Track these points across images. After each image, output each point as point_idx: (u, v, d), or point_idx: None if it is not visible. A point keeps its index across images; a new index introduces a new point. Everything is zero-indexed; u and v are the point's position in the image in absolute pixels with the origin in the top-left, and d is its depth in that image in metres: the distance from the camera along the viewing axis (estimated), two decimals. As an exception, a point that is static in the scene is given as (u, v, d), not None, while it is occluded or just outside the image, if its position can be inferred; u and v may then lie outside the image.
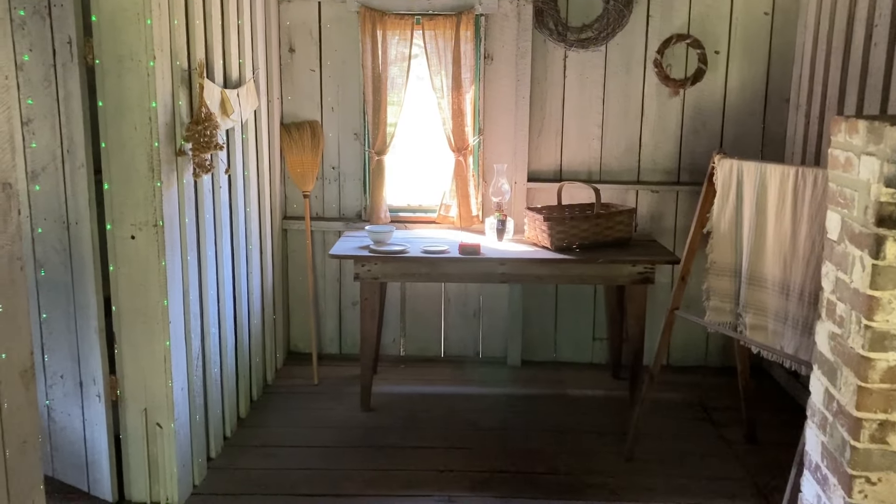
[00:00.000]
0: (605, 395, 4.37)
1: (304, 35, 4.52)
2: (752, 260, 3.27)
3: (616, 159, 4.58)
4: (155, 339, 3.02)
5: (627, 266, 3.95)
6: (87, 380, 3.09)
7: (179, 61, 3.07)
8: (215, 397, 3.58)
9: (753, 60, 4.45)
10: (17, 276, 2.02)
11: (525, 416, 4.10)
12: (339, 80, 4.57)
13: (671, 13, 4.41)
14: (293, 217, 4.69)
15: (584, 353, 4.83)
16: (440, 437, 3.84)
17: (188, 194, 3.19)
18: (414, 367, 4.75)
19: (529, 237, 4.25)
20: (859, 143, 2.20)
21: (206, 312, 3.45)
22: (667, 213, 4.59)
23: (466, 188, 4.54)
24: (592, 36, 4.42)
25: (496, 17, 4.44)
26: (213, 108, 3.28)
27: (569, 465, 3.59)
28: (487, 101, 4.54)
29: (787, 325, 3.14)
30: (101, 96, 2.87)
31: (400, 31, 4.41)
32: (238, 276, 3.87)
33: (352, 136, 4.62)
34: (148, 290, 2.98)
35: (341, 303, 4.82)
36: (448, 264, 4.01)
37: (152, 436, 3.10)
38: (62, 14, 2.82)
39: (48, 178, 2.98)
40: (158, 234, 2.94)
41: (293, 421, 4.00)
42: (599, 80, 4.51)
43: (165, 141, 2.96)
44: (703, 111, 4.51)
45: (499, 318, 4.80)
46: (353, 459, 3.62)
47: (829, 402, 2.37)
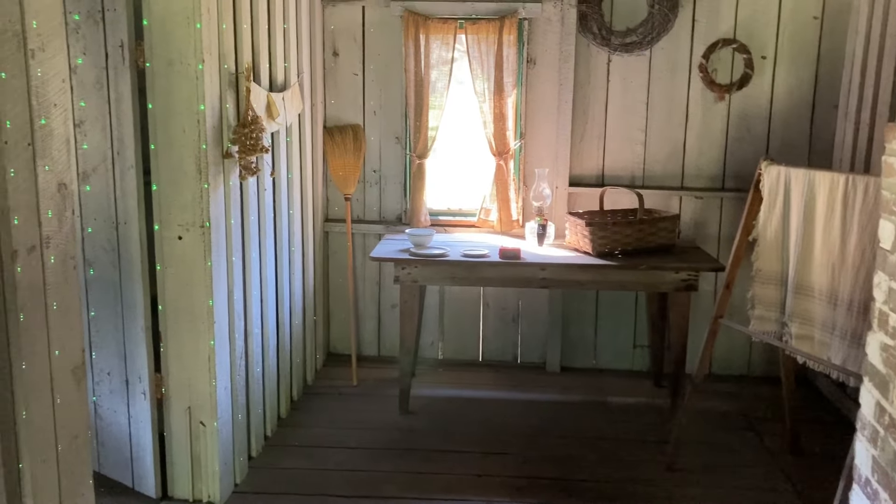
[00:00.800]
0: (646, 403, 4.33)
1: (348, 39, 4.56)
2: (799, 268, 3.22)
3: (659, 164, 4.54)
4: (200, 339, 3.06)
5: (671, 273, 3.90)
6: (133, 377, 3.15)
7: (227, 65, 3.11)
8: (257, 397, 3.62)
9: (801, 65, 4.38)
10: (71, 275, 2.06)
11: (564, 422, 4.07)
12: (381, 84, 4.59)
13: (717, 17, 4.36)
14: (334, 219, 4.73)
15: (625, 360, 4.78)
16: (479, 442, 3.83)
17: (234, 196, 3.23)
18: (452, 371, 4.75)
19: (571, 242, 4.23)
20: (916, 151, 2.15)
21: (250, 313, 3.49)
22: (710, 220, 4.54)
23: (507, 192, 4.53)
24: (637, 40, 4.39)
25: (539, 22, 4.43)
26: (259, 112, 3.32)
27: (609, 473, 3.56)
28: (529, 105, 4.52)
29: (835, 335, 3.08)
30: (151, 99, 2.92)
31: (443, 35, 4.42)
32: (280, 277, 3.90)
33: (393, 140, 4.64)
34: (194, 289, 3.02)
35: (380, 305, 4.84)
36: (488, 268, 4.01)
37: (196, 434, 3.14)
38: (115, 18, 2.88)
39: (98, 178, 3.05)
40: (205, 234, 2.98)
41: (332, 422, 4.03)
42: (643, 84, 4.47)
43: (213, 143, 3.00)
44: (749, 117, 4.44)
45: (538, 323, 4.78)
46: (391, 462, 3.63)
47: (880, 416, 2.31)
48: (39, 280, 1.93)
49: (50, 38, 1.94)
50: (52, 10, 1.95)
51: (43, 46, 1.91)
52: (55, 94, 1.97)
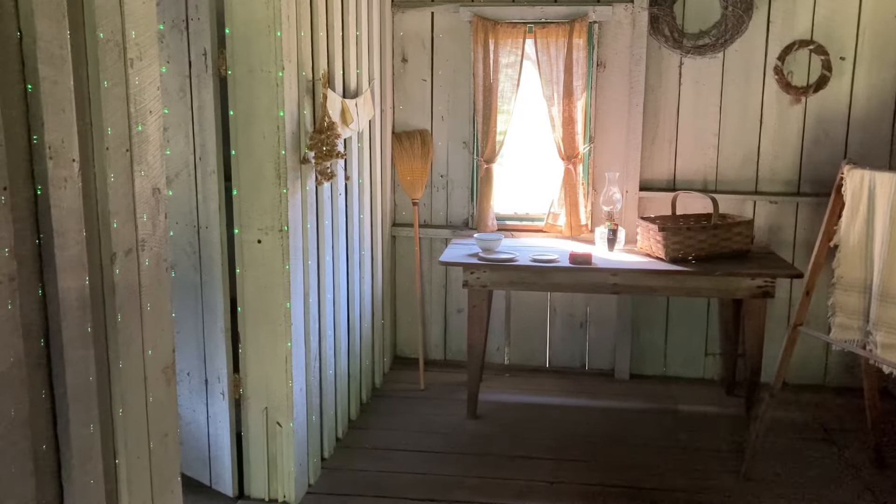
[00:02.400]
0: (719, 412, 4.24)
1: (417, 45, 4.59)
2: (885, 275, 3.12)
3: (733, 169, 4.45)
4: (278, 340, 3.12)
5: (746, 279, 3.82)
6: (212, 378, 3.22)
7: (305, 72, 3.17)
8: (329, 399, 3.66)
9: (882, 66, 4.25)
10: (164, 277, 2.12)
11: (635, 430, 4.02)
12: (449, 90, 4.61)
13: (793, 18, 4.26)
14: (401, 224, 4.76)
15: (696, 368, 4.70)
16: (548, 448, 3.81)
17: (310, 201, 3.28)
18: (518, 377, 4.73)
19: (642, 247, 4.17)
20: None
21: (324, 315, 3.53)
22: (786, 226, 4.43)
23: (576, 197, 4.50)
24: (710, 42, 4.32)
25: (610, 25, 4.39)
26: (334, 118, 3.36)
27: (683, 482, 3.50)
28: (599, 109, 4.49)
29: (925, 344, 2.97)
30: (232, 105, 2.99)
31: (511, 39, 4.43)
32: (352, 280, 3.95)
33: (460, 145, 4.66)
34: (272, 292, 3.08)
35: (446, 309, 4.85)
36: (557, 274, 3.98)
37: (272, 434, 3.19)
38: (198, 27, 2.95)
39: (181, 183, 3.13)
40: (283, 238, 3.03)
41: (402, 425, 4.05)
42: (716, 87, 4.39)
43: (291, 149, 3.05)
44: (826, 120, 4.33)
45: (606, 329, 4.73)
46: (461, 466, 3.63)
47: (979, 428, 2.23)
48: (135, 282, 1.99)
49: (146, 48, 2.00)
50: (149, 20, 2.01)
51: (140, 56, 1.97)
52: (151, 101, 2.03)
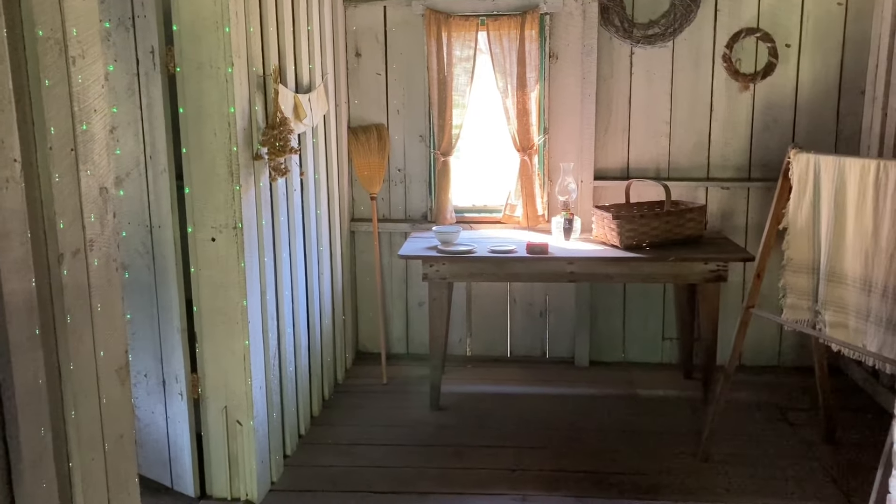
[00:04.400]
0: (677, 396, 4.32)
1: (370, 39, 4.58)
2: (832, 256, 3.20)
3: (685, 156, 4.53)
4: (235, 339, 3.10)
5: (700, 264, 3.89)
6: (170, 378, 3.19)
7: (255, 67, 3.15)
8: (290, 396, 3.66)
9: (826, 52, 4.35)
10: (114, 276, 2.10)
11: (595, 416, 4.08)
12: (404, 83, 4.61)
13: (740, 7, 4.34)
14: (360, 219, 4.76)
15: (654, 353, 4.77)
16: (511, 437, 3.84)
17: (265, 197, 3.27)
18: (480, 367, 4.76)
19: (598, 236, 4.23)
20: (951, 134, 2.13)
21: (282, 312, 3.52)
22: (737, 210, 4.52)
23: (532, 187, 4.54)
24: (659, 32, 4.38)
25: (561, 16, 4.43)
26: (287, 113, 3.35)
27: (643, 466, 3.56)
28: (552, 100, 4.53)
29: (870, 322, 3.06)
30: (182, 103, 2.96)
31: (464, 32, 4.44)
32: (310, 277, 3.94)
33: (417, 139, 4.66)
34: (228, 290, 3.06)
35: (408, 303, 4.86)
36: (516, 264, 4.02)
37: (232, 433, 3.18)
38: (145, 25, 2.92)
39: (132, 183, 3.09)
40: (238, 236, 3.02)
41: (364, 419, 4.06)
42: (667, 76, 4.46)
43: (243, 145, 3.03)
44: (775, 106, 4.42)
45: (566, 317, 4.78)
46: (425, 458, 3.65)
47: (920, 401, 2.30)
48: (84, 282, 1.97)
49: (89, 45, 1.98)
50: (90, 18, 1.98)
51: (83, 53, 1.95)
52: (95, 99, 2.00)
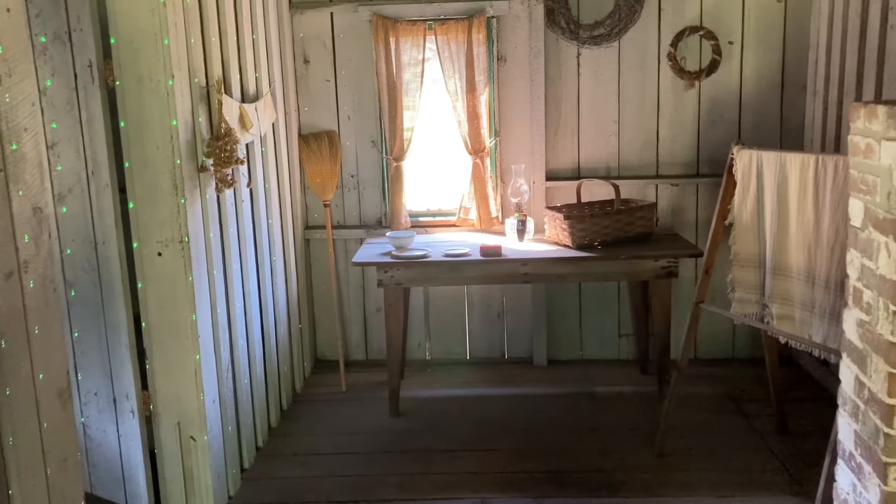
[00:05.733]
0: (634, 391, 4.36)
1: (318, 46, 4.56)
2: (776, 250, 3.26)
3: (634, 154, 4.58)
4: (185, 354, 3.06)
5: (650, 261, 3.94)
6: (121, 396, 3.14)
7: (198, 78, 3.12)
8: (246, 408, 3.62)
9: (768, 48, 4.43)
10: (51, 298, 2.06)
11: (554, 415, 4.10)
12: (354, 89, 4.60)
13: (683, 5, 4.40)
14: (315, 226, 4.73)
15: (611, 349, 4.82)
16: (470, 440, 3.85)
17: (212, 209, 3.23)
18: (440, 371, 4.77)
19: (550, 236, 4.25)
20: (879, 129, 2.19)
21: (234, 325, 3.49)
22: (688, 207, 4.58)
23: (485, 190, 4.55)
24: (605, 32, 4.42)
25: (507, 19, 4.45)
26: (232, 124, 3.32)
27: (601, 463, 3.59)
28: (502, 103, 4.55)
29: (815, 313, 3.12)
30: (123, 117, 2.91)
31: (412, 37, 4.44)
32: (263, 287, 3.91)
33: (369, 144, 4.65)
34: (176, 305, 3.02)
35: (365, 309, 4.85)
36: (470, 267, 4.03)
37: (186, 449, 3.14)
38: (82, 38, 2.87)
39: (75, 199, 3.03)
40: (184, 249, 2.98)
41: (323, 428, 4.03)
42: (614, 76, 4.50)
43: (187, 158, 3.00)
44: (720, 102, 4.49)
45: (523, 318, 4.80)
46: (385, 465, 3.64)
47: (860, 390, 2.36)
48: (19, 305, 1.93)
49: (17, 63, 1.94)
50: (18, 34, 1.94)
51: (10, 72, 1.91)
52: (25, 118, 1.96)
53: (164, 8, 2.83)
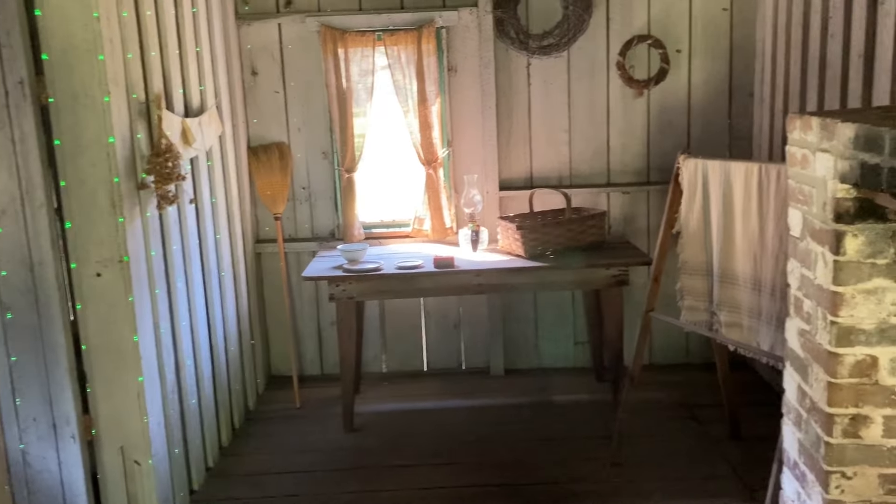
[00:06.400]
0: (590, 399, 4.37)
1: (266, 57, 4.50)
2: (723, 258, 3.28)
3: (586, 163, 4.59)
4: (127, 376, 2.99)
5: (601, 270, 3.95)
6: (61, 421, 3.05)
7: (136, 94, 3.05)
8: (195, 429, 3.55)
9: (715, 57, 4.48)
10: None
11: (510, 426, 4.09)
12: (303, 101, 4.55)
13: (631, 15, 4.43)
14: (266, 240, 4.66)
15: (567, 357, 4.82)
16: (425, 454, 3.81)
17: (153, 227, 3.16)
18: (397, 384, 4.72)
19: (503, 246, 4.24)
20: (814, 140, 2.20)
21: (180, 344, 3.42)
22: (639, 214, 4.60)
23: (438, 200, 4.53)
24: (554, 42, 4.43)
25: (457, 29, 4.44)
26: (173, 139, 3.25)
27: (556, 474, 3.58)
28: (454, 113, 4.53)
29: (762, 321, 3.15)
30: (58, 134, 2.84)
31: (362, 48, 4.40)
32: (211, 304, 3.84)
33: (320, 156, 4.60)
34: (117, 326, 2.95)
35: (320, 323, 4.79)
36: (423, 279, 4.00)
37: (130, 473, 3.06)
38: (11, 55, 2.78)
39: (8, 220, 2.94)
40: (124, 270, 2.91)
41: (276, 447, 3.97)
42: (564, 85, 4.51)
43: (126, 175, 2.93)
44: (669, 110, 4.52)
45: (479, 328, 4.78)
46: (337, 483, 3.59)
47: (802, 399, 2.37)
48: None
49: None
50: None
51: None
52: (-58, 141, 1.89)
53: (98, 22, 2.76)
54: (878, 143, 1.84)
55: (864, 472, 2.18)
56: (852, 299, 2.10)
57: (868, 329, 2.11)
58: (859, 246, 2.07)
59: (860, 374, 2.14)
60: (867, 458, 2.18)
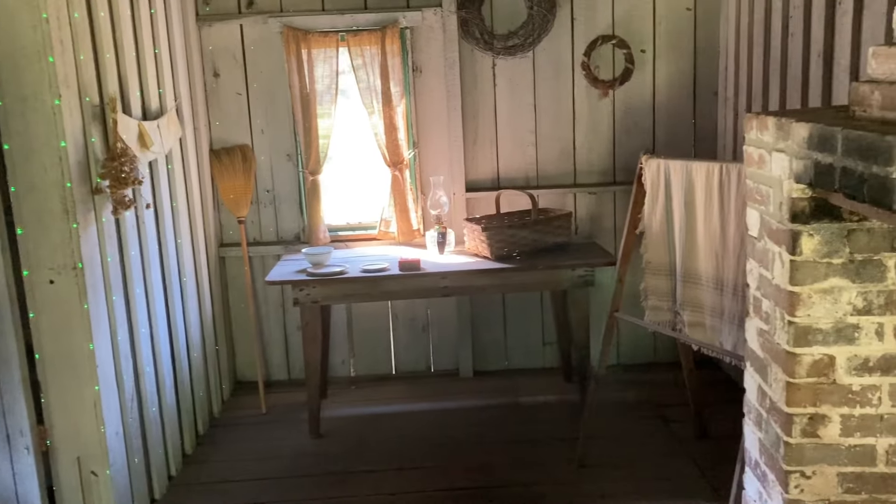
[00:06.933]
0: (558, 400, 4.36)
1: (228, 59, 4.44)
2: (686, 257, 3.28)
3: (552, 164, 4.58)
4: (83, 385, 2.92)
5: (567, 271, 3.94)
6: (14, 432, 2.97)
7: (89, 97, 2.99)
8: (155, 437, 3.48)
9: (679, 56, 4.48)
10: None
11: (478, 428, 4.06)
12: (267, 102, 4.49)
13: (595, 15, 4.42)
14: (230, 244, 4.60)
15: (536, 358, 4.81)
16: (392, 459, 3.78)
17: (109, 233, 3.10)
18: (365, 388, 4.68)
19: (470, 248, 4.22)
20: (770, 140, 2.20)
21: (139, 351, 3.35)
22: (606, 214, 4.60)
23: (405, 202, 4.49)
24: (519, 42, 4.41)
25: (421, 30, 4.40)
26: (130, 143, 3.19)
27: (523, 476, 3.56)
28: (420, 114, 4.50)
29: (724, 320, 3.15)
30: (7, 139, 2.77)
31: (325, 49, 4.36)
32: (173, 310, 3.77)
33: (284, 158, 4.55)
34: (71, 334, 2.89)
35: (286, 328, 4.73)
36: (389, 282, 3.97)
37: (87, 484, 2.99)
38: (-42, 57, 2.72)
39: (-42, 226, 2.87)
40: (78, 276, 2.85)
41: (241, 453, 3.91)
42: (529, 86, 4.50)
43: (79, 180, 2.87)
44: (634, 110, 4.52)
45: (448, 330, 4.75)
46: (302, 489, 3.54)
47: (762, 399, 2.37)
48: None
49: None
50: None
51: None
52: None
53: (48, 24, 2.70)
54: (830, 142, 1.84)
55: (822, 471, 2.18)
56: (809, 299, 2.10)
57: (825, 329, 2.11)
58: (815, 245, 2.07)
59: (818, 374, 2.14)
60: (825, 458, 2.18)
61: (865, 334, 2.11)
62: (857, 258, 2.06)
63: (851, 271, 2.08)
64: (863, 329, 2.11)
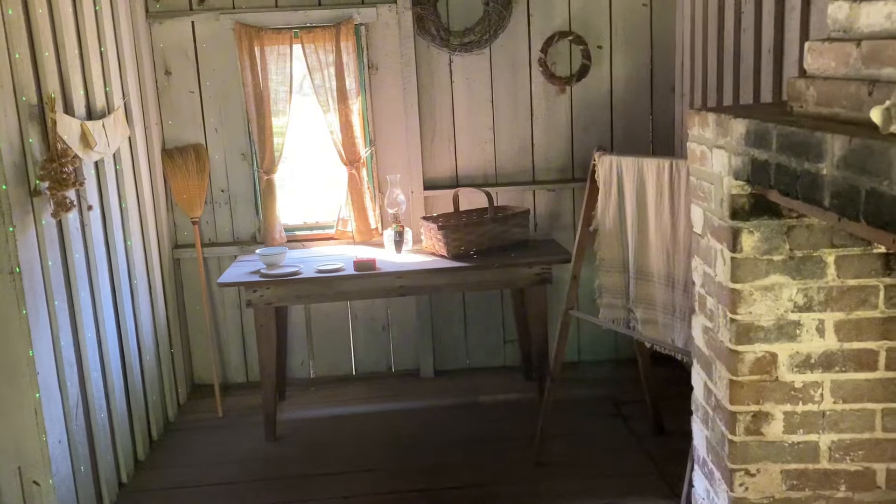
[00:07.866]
0: (518, 399, 4.33)
1: (180, 56, 4.36)
2: (638, 254, 3.27)
3: (510, 161, 4.55)
4: (23, 393, 2.85)
5: (524, 268, 3.92)
6: (-48, 443, 2.90)
7: (26, 96, 2.90)
8: (104, 444, 3.41)
9: (636, 52, 4.47)
10: None
11: (437, 429, 4.03)
12: (220, 101, 4.41)
13: (551, 11, 4.40)
14: (185, 245, 4.52)
15: (497, 357, 4.78)
16: (348, 461, 3.73)
17: (50, 236, 3.02)
18: (325, 389, 4.62)
19: (427, 247, 4.18)
20: (710, 137, 2.19)
21: (85, 357, 3.27)
22: (564, 211, 4.59)
23: (362, 201, 4.44)
24: (475, 39, 4.38)
25: (376, 26, 4.35)
26: (71, 143, 3.11)
27: (478, 476, 3.53)
28: (376, 112, 4.45)
29: (676, 317, 3.14)
30: (-62, 140, 2.69)
31: (279, 46, 4.29)
32: (122, 313, 3.69)
33: (239, 157, 4.48)
34: (10, 341, 2.81)
35: (244, 330, 4.66)
36: (344, 282, 3.92)
37: (29, 495, 2.92)
38: None
39: None
40: (16, 281, 2.77)
41: (195, 458, 3.84)
42: (486, 82, 4.47)
43: (15, 182, 2.79)
44: (591, 106, 4.51)
45: (409, 329, 4.71)
46: (256, 494, 3.49)
47: (708, 397, 2.36)
48: None
49: None
50: None
51: None
52: None
53: (-23, 21, 2.62)
54: (766, 139, 1.82)
55: (766, 468, 2.18)
56: (750, 296, 2.09)
57: (766, 326, 2.11)
58: (755, 242, 2.06)
59: (760, 371, 2.13)
60: (769, 455, 2.17)
61: (807, 331, 2.10)
62: (796, 255, 2.06)
63: (792, 268, 2.07)
64: (804, 326, 2.10)
